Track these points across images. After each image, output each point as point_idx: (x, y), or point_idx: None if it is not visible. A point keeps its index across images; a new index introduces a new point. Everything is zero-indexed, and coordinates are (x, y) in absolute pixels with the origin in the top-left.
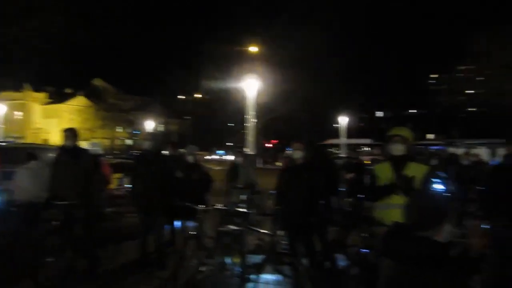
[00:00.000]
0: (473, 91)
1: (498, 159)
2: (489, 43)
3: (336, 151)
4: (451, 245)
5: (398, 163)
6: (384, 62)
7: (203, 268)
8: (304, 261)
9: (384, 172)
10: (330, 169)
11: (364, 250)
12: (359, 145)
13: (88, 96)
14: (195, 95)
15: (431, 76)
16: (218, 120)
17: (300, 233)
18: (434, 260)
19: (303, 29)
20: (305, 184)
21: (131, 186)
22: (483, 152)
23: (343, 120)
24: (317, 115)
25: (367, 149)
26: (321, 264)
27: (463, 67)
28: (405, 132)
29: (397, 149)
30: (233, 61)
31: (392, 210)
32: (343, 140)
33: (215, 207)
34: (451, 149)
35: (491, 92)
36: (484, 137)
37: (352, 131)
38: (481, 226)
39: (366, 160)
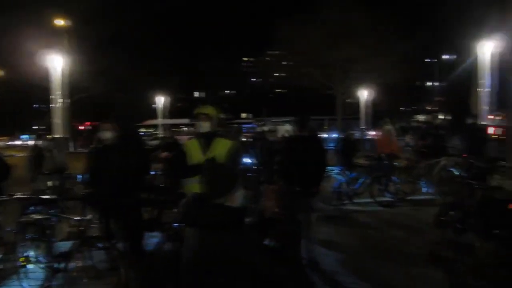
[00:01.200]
0: (279, 74)
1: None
2: (292, 31)
3: (155, 132)
4: (246, 210)
5: (205, 139)
6: (203, 44)
7: (1, 266)
8: (120, 244)
9: (193, 149)
10: (140, 149)
11: (176, 224)
12: (177, 125)
13: None
14: None
15: (245, 59)
16: (20, 101)
17: (113, 215)
18: (229, 224)
19: (113, 7)
20: (115, 164)
21: None
22: (288, 128)
23: (160, 101)
24: (134, 96)
25: (185, 128)
26: (136, 246)
27: (271, 52)
28: (210, 110)
29: (203, 126)
30: (36, 35)
31: (197, 183)
32: (161, 120)
33: (14, 197)
34: (261, 127)
35: (292, 76)
36: (288, 115)
37: (170, 112)
38: (273, 189)
39: (184, 139)
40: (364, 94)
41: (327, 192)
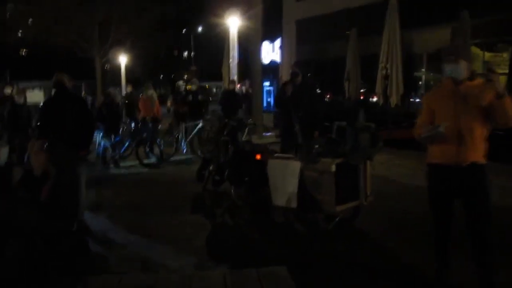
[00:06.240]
0: (26, 32)
1: None
2: None
3: None
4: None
5: None
6: None
7: None
8: None
9: None
10: None
11: None
12: None
13: None
14: None
15: None
16: None
17: None
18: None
19: None
20: None
21: None
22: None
23: None
24: None
25: None
26: None
27: (12, 5)
28: None
29: None
30: None
31: None
32: None
33: None
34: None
35: (41, 33)
36: (38, 79)
37: None
38: (40, 144)
39: None
40: (124, 59)
41: (92, 158)
